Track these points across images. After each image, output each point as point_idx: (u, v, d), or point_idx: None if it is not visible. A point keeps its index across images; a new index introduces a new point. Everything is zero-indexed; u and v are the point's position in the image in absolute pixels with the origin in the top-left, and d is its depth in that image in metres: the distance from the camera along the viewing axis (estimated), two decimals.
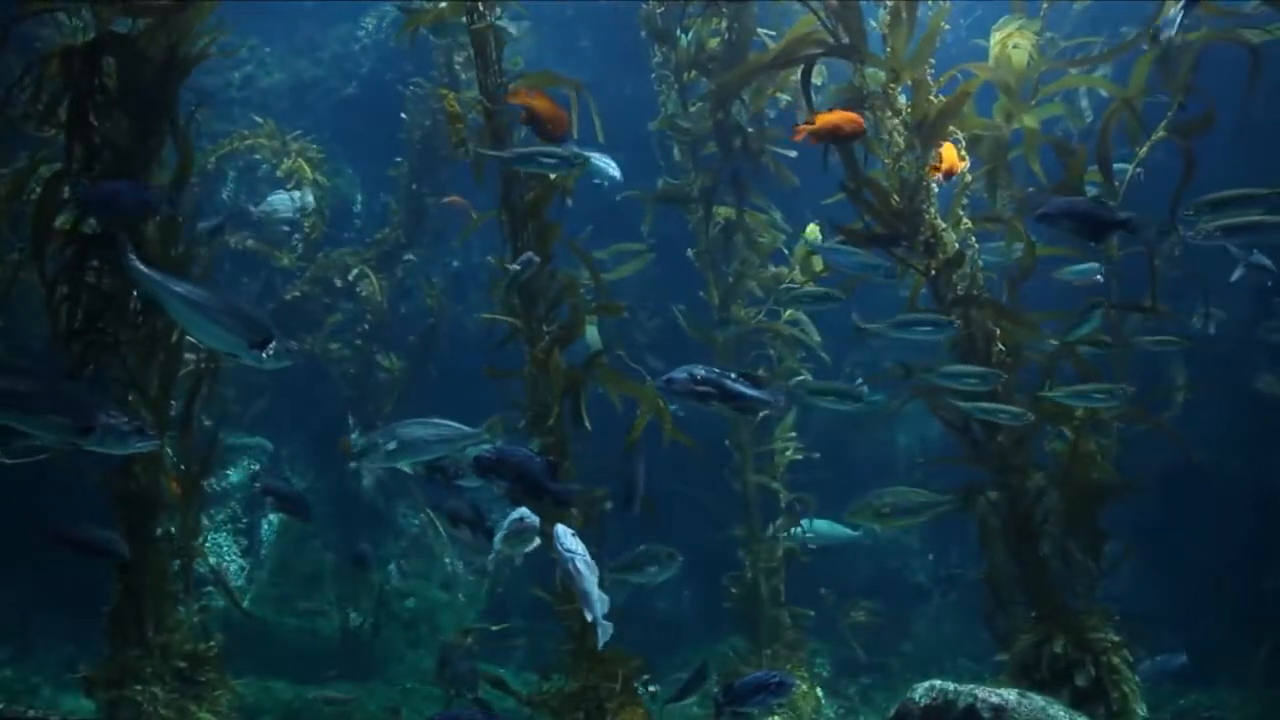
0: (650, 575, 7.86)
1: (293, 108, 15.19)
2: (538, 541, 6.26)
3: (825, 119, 7.23)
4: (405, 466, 8.06)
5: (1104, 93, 7.94)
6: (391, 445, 6.79)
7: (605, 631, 5.93)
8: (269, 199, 12.60)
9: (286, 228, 12.88)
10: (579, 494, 7.09)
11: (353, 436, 12.09)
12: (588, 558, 5.87)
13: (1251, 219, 7.06)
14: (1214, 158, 7.70)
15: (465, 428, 6.82)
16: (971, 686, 6.23)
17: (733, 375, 6.47)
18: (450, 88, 10.51)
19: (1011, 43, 7.76)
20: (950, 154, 7.39)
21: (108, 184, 6.85)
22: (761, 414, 8.21)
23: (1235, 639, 10.61)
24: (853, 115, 7.24)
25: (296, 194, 12.65)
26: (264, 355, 5.90)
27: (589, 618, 5.85)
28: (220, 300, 6.02)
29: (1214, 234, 7.11)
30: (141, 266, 6.10)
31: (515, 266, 7.15)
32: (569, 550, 5.79)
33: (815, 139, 7.29)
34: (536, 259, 7.16)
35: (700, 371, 6.37)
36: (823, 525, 10.41)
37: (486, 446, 6.49)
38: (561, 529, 5.96)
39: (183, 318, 6.12)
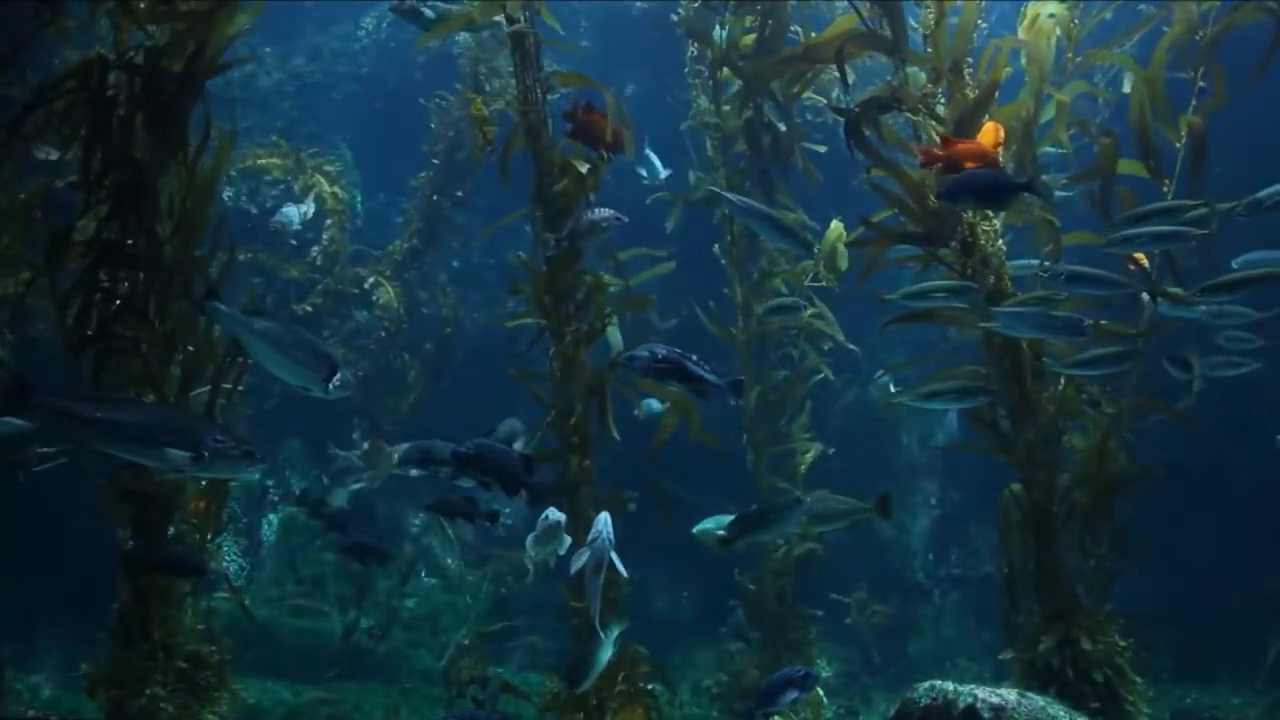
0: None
1: (292, 107, 15.15)
2: (569, 541, 6.21)
3: (959, 150, 6.88)
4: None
5: (1125, 87, 7.92)
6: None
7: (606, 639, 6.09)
8: (282, 210, 12.58)
9: (294, 241, 12.92)
10: (599, 492, 7.12)
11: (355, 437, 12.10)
12: (617, 560, 5.86)
13: (1171, 229, 7.01)
14: (1226, 158, 7.75)
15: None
16: (971, 687, 6.20)
17: (694, 358, 6.43)
18: (473, 91, 10.58)
19: (1046, 11, 7.61)
20: (991, 133, 7.20)
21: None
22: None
23: (1236, 638, 10.65)
24: (986, 149, 6.93)
25: (303, 207, 12.63)
26: (330, 387, 5.96)
27: (592, 613, 5.86)
28: (293, 335, 6.03)
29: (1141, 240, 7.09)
30: (224, 308, 6.07)
31: (595, 217, 7.08)
32: (608, 541, 5.74)
33: (944, 170, 6.92)
34: (624, 218, 7.13)
35: (661, 350, 6.37)
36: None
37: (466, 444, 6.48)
38: (606, 517, 5.92)
39: (262, 355, 6.08)
